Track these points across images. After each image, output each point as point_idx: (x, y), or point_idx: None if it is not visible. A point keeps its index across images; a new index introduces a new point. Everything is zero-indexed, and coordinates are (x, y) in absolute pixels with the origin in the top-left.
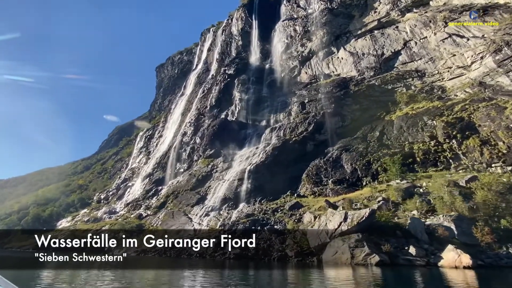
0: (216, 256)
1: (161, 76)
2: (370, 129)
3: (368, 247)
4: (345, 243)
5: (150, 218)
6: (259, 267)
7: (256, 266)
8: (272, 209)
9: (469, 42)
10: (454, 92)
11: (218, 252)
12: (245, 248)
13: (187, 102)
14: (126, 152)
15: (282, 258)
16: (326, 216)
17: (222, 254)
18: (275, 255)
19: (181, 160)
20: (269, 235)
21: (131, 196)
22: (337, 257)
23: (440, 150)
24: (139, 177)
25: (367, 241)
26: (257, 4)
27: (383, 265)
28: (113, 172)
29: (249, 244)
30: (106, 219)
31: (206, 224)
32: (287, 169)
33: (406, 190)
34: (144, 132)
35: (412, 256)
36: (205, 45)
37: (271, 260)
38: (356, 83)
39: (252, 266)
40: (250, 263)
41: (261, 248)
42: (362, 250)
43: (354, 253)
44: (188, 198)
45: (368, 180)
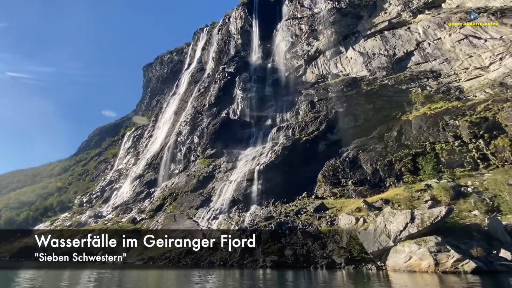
0: (246, 265)
1: (148, 76)
2: (387, 129)
3: (457, 252)
4: (421, 247)
5: (147, 222)
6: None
7: (310, 278)
8: (293, 211)
9: (486, 43)
10: (473, 93)
11: (246, 259)
12: (281, 254)
13: (181, 101)
14: (111, 152)
15: (330, 266)
16: (383, 216)
17: (253, 262)
18: (322, 262)
19: (176, 160)
20: (304, 239)
21: (119, 199)
22: (412, 263)
23: (465, 151)
24: (128, 179)
25: (449, 245)
26: (257, 4)
27: (479, 272)
28: (96, 173)
29: (286, 250)
30: (92, 224)
31: (216, 228)
32: (298, 170)
33: (453, 190)
34: (132, 132)
35: (508, 261)
36: (198, 44)
37: (317, 269)
38: (368, 82)
39: (305, 277)
40: (296, 273)
41: (300, 255)
42: (448, 255)
43: (438, 259)
44: (191, 200)
45: (392, 181)
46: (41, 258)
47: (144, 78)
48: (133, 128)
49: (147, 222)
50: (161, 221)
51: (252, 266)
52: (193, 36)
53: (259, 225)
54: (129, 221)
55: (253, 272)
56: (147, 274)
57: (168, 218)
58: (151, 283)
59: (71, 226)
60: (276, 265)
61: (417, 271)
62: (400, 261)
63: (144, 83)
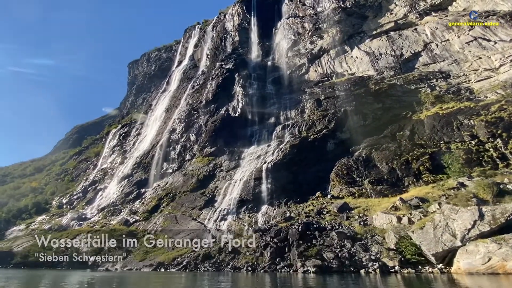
0: (279, 270)
1: (134, 73)
2: (399, 128)
3: None
4: (502, 246)
5: (142, 225)
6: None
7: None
8: (312, 211)
9: (496, 45)
10: (484, 94)
11: (279, 264)
12: (321, 258)
13: (173, 98)
14: (93, 151)
15: (383, 270)
16: (443, 214)
17: (288, 267)
18: (373, 266)
19: (169, 159)
20: (340, 241)
21: (106, 200)
22: (493, 265)
23: (482, 150)
24: (114, 179)
25: None
26: (255, 2)
27: None
28: (76, 173)
29: (325, 252)
30: (76, 227)
31: (226, 229)
32: (307, 169)
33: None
34: (118, 130)
35: None
36: (190, 41)
37: (369, 273)
38: (376, 82)
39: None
40: (348, 279)
41: (344, 258)
42: None
43: None
44: (192, 201)
45: (410, 180)
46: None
47: (129, 75)
48: (119, 125)
49: (142, 224)
50: (160, 223)
51: (287, 271)
52: (184, 33)
53: (278, 226)
54: (120, 223)
55: (295, 277)
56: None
57: (169, 220)
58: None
59: (50, 229)
60: (320, 270)
61: (501, 273)
62: (475, 262)
63: (129, 80)
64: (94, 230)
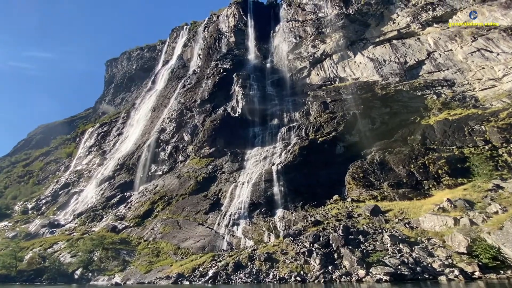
0: (335, 280)
1: (112, 71)
2: (409, 133)
3: None
4: None
5: (135, 231)
6: None
7: None
8: (341, 214)
9: (498, 56)
10: (489, 102)
11: (333, 273)
12: (385, 264)
13: (160, 97)
14: (65, 151)
15: (465, 276)
16: None
17: (346, 275)
18: (453, 272)
19: (158, 160)
20: (394, 245)
21: (82, 204)
22: None
23: (496, 155)
24: (92, 181)
25: None
26: (251, 5)
27: None
28: (43, 175)
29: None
30: (47, 235)
31: (242, 235)
32: (319, 171)
33: None
34: (96, 129)
35: None
36: (178, 41)
37: (450, 281)
38: (382, 87)
39: None
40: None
41: (412, 264)
42: None
43: None
44: (195, 204)
45: (431, 183)
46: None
47: (107, 73)
48: (96, 124)
49: (135, 230)
50: (158, 229)
51: (348, 280)
52: (171, 33)
53: (307, 230)
54: (107, 229)
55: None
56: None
57: (170, 225)
58: None
59: (15, 237)
60: (394, 279)
61: None
62: None
63: (106, 78)
64: (76, 238)
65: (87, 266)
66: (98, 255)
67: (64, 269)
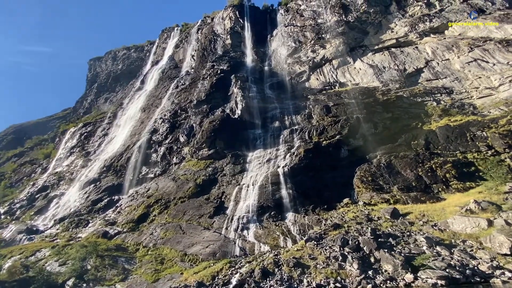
0: (380, 285)
1: (96, 71)
2: (412, 137)
3: None
4: None
5: (131, 237)
6: None
7: None
8: (359, 218)
9: (494, 67)
10: (487, 109)
11: (374, 278)
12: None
13: (151, 97)
14: (42, 152)
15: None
16: None
17: (391, 280)
18: (505, 274)
19: (150, 162)
20: (432, 248)
21: (64, 209)
22: None
23: (499, 160)
24: (75, 184)
25: None
26: (248, 8)
27: None
28: (17, 178)
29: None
30: (25, 241)
31: (255, 240)
32: (324, 174)
33: None
34: (79, 129)
35: None
36: (169, 42)
37: (504, 283)
38: (383, 93)
39: None
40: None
41: (459, 267)
42: None
43: None
44: (197, 208)
45: (440, 187)
46: None
47: (90, 72)
48: (79, 124)
49: (131, 236)
50: (158, 234)
51: (395, 285)
52: (161, 34)
53: (328, 234)
54: (97, 235)
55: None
56: None
57: (171, 230)
58: None
59: None
60: (449, 283)
61: None
62: None
63: (89, 78)
64: (62, 245)
65: (82, 275)
66: (92, 263)
67: (53, 279)
